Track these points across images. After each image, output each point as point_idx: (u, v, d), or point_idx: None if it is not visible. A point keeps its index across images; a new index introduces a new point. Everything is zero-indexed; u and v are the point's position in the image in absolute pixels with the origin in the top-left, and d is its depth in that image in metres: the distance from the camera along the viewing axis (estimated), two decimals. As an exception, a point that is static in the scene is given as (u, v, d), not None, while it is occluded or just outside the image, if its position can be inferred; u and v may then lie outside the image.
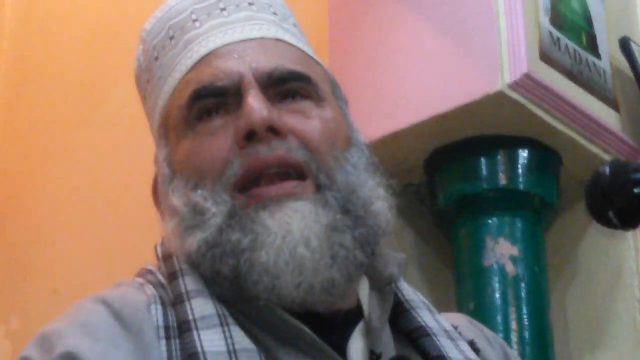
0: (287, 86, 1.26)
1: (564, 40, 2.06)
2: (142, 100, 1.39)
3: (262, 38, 1.30)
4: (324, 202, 1.20)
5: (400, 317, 1.28)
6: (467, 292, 2.00)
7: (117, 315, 1.17)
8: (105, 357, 1.12)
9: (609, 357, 2.06)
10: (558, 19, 2.07)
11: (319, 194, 1.21)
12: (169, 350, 1.14)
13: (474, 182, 2.04)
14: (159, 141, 1.32)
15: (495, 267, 1.99)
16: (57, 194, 2.71)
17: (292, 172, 1.21)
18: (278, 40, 1.30)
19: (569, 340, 2.09)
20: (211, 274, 1.18)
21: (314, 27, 2.36)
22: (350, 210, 1.21)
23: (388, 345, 1.24)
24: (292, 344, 1.18)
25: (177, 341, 1.15)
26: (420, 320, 1.28)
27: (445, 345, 1.26)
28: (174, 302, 1.19)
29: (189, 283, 1.20)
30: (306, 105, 1.26)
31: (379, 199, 1.24)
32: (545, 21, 2.03)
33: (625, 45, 2.21)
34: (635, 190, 1.04)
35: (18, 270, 2.67)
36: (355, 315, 1.23)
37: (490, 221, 2.02)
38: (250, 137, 1.21)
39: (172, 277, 1.22)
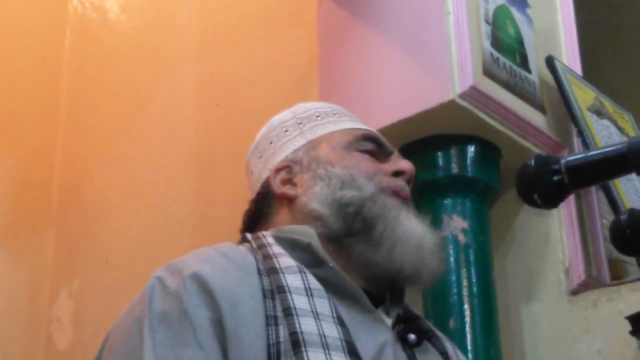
0: None
1: (502, 59, 2.07)
2: (279, 133, 1.52)
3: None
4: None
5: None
6: (428, 257, 2.00)
7: (226, 255, 1.27)
8: (221, 276, 1.22)
9: (538, 307, 2.07)
10: (497, 42, 2.07)
11: None
12: (262, 282, 1.23)
13: (432, 171, 2.05)
14: (304, 148, 1.46)
15: (450, 237, 1.99)
16: (108, 183, 2.71)
17: None
18: None
19: (508, 293, 2.10)
20: (341, 219, 1.35)
21: (307, 52, 2.36)
22: None
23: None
24: (345, 300, 1.29)
25: (267, 278, 1.24)
26: (413, 311, 1.44)
27: (430, 325, 1.43)
28: (263, 259, 1.28)
29: (275, 249, 1.30)
30: None
31: None
32: (486, 44, 2.04)
33: (550, 62, 2.22)
34: (554, 178, 1.04)
35: (78, 243, 2.68)
36: (378, 300, 1.37)
37: (445, 201, 2.03)
38: (398, 175, 1.43)
39: (261, 246, 1.32)
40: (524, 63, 2.14)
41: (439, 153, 2.04)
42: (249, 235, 1.38)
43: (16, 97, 2.83)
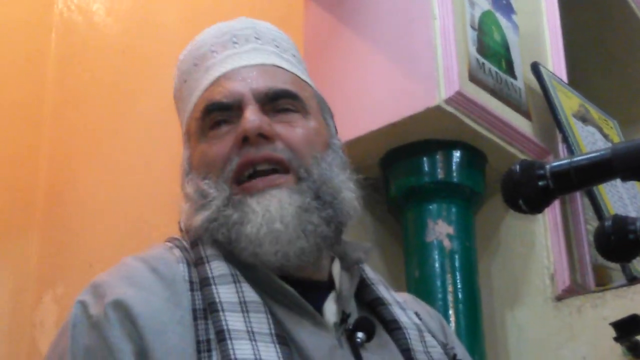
0: (279, 102, 1.28)
1: (488, 64, 2.07)
2: (180, 89, 1.38)
3: (262, 64, 1.32)
4: (299, 190, 1.23)
5: (363, 290, 1.31)
6: (414, 263, 2.01)
7: (154, 270, 1.19)
8: (145, 301, 1.14)
9: (524, 313, 2.08)
10: (482, 48, 2.08)
11: (298, 184, 1.23)
12: (193, 299, 1.15)
13: (418, 176, 2.05)
14: (184, 145, 1.33)
15: (435, 242, 1.99)
16: (92, 187, 2.70)
17: (279, 167, 1.24)
18: (275, 65, 1.32)
19: (493, 299, 2.10)
20: (211, 244, 1.21)
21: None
22: (321, 196, 1.23)
23: (354, 310, 1.27)
24: (281, 302, 1.20)
25: (199, 293, 1.16)
26: (378, 293, 1.32)
27: (397, 312, 1.31)
28: (196, 262, 1.20)
29: (207, 249, 1.21)
30: (294, 117, 1.28)
31: (347, 190, 1.27)
32: (472, 50, 2.04)
33: (535, 68, 2.22)
34: (539, 183, 1.04)
35: (62, 247, 2.66)
36: (329, 286, 1.26)
37: (431, 207, 2.03)
38: (245, 140, 1.24)
39: (194, 244, 1.23)
40: (510, 69, 2.15)
41: (425, 158, 2.05)
42: (182, 224, 1.29)
43: (0, 99, 2.81)
